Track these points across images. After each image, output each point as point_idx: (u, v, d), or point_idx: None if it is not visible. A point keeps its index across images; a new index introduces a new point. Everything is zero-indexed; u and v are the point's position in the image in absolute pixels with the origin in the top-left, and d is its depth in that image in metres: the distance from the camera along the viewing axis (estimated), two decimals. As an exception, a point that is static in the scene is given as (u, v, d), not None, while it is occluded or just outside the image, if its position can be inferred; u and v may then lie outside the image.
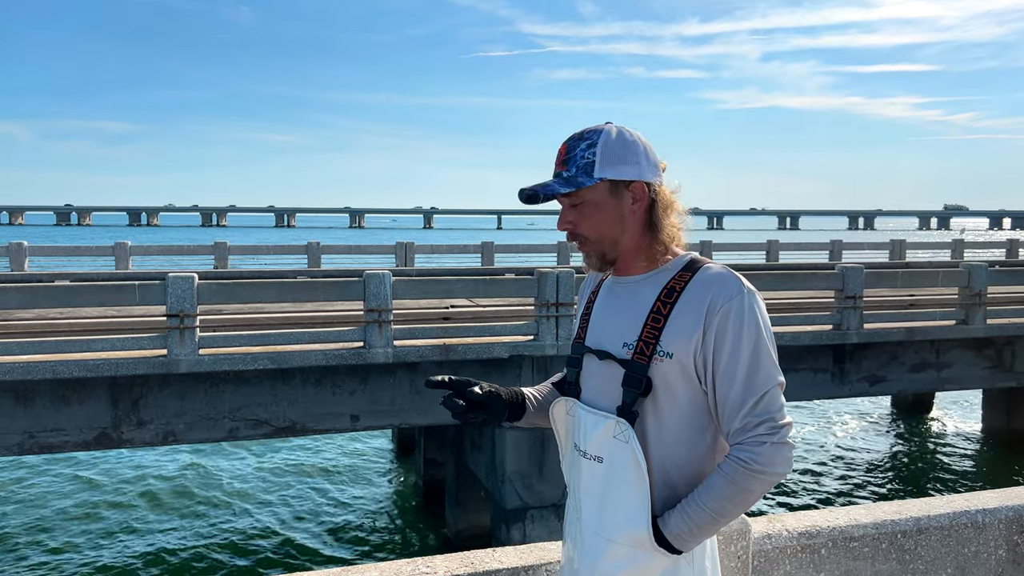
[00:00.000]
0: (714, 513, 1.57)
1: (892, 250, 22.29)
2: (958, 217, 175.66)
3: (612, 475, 1.64)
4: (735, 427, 1.57)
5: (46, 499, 12.05)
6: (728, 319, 1.56)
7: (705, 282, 1.61)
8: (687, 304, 1.60)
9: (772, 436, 1.54)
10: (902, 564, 2.64)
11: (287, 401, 8.88)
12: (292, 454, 14.40)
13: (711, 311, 1.58)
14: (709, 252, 19.80)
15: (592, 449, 1.68)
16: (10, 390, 8.08)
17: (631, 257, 1.70)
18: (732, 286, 1.59)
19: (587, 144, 1.65)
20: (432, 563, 2.22)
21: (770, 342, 1.59)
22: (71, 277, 12.80)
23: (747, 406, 1.55)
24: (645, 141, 1.69)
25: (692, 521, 1.58)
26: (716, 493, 1.56)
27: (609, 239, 1.68)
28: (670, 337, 1.60)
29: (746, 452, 1.54)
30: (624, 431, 1.62)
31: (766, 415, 1.55)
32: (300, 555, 10.26)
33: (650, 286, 1.67)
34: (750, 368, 1.56)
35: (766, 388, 1.56)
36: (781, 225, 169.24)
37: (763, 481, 1.55)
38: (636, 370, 1.62)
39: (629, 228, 1.67)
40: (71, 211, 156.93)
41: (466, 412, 1.75)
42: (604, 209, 1.66)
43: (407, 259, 18.14)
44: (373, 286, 8.85)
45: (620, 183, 1.65)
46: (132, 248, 17.00)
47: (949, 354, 11.68)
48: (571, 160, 1.66)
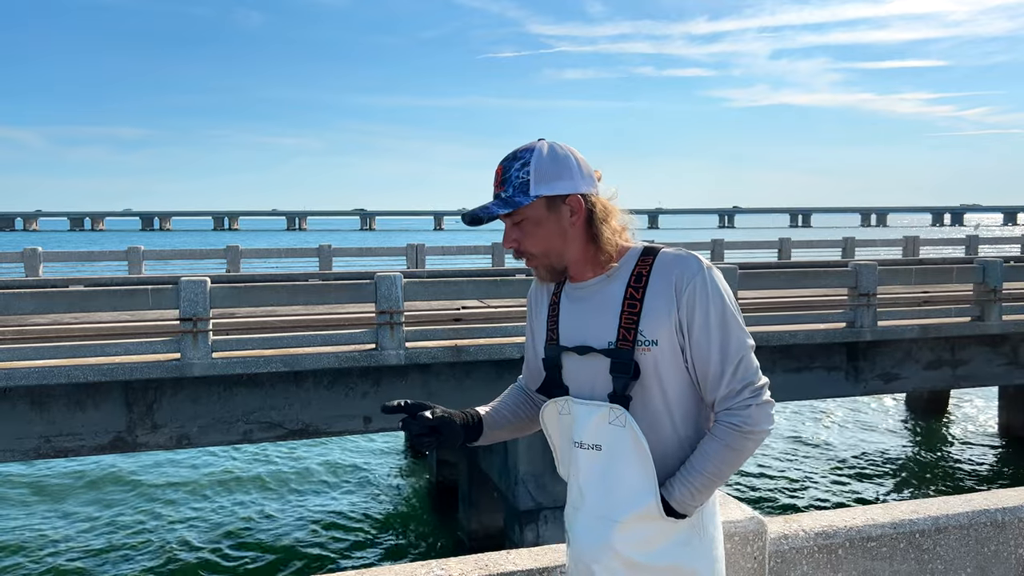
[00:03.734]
0: (713, 476, 1.68)
1: (906, 247, 22.13)
2: (972, 213, 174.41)
3: (613, 459, 1.71)
4: (720, 394, 1.69)
5: (63, 497, 12.13)
6: (695, 295, 1.67)
7: (667, 265, 1.71)
8: (656, 287, 1.69)
9: (756, 398, 1.67)
10: (921, 564, 2.61)
11: (300, 403, 8.91)
12: (305, 456, 14.44)
13: (678, 290, 1.67)
14: (721, 250, 19.73)
15: (588, 439, 1.74)
16: (26, 395, 8.14)
17: (580, 266, 1.78)
18: (693, 265, 1.69)
19: (521, 164, 1.72)
20: (447, 565, 2.21)
21: (736, 310, 1.71)
22: (85, 282, 12.89)
23: (727, 374, 1.67)
24: (577, 154, 1.75)
25: (693, 486, 1.68)
26: (713, 457, 1.68)
27: (554, 252, 1.75)
28: (651, 324, 1.68)
29: (736, 416, 1.67)
30: (620, 416, 1.69)
31: (746, 379, 1.68)
32: (313, 557, 10.29)
33: (614, 282, 1.75)
34: (723, 338, 1.67)
35: (740, 354, 1.68)
36: (793, 223, 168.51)
37: (755, 440, 1.68)
38: (622, 356, 1.69)
39: (572, 240, 1.75)
40: (84, 217, 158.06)
41: (420, 436, 1.78)
42: (544, 224, 1.73)
43: (418, 261, 18.16)
44: (384, 288, 8.86)
45: (556, 198, 1.71)
46: (145, 252, 17.10)
47: (965, 351, 11.58)
48: (507, 181, 1.72)
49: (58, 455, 8.48)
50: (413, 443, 1.79)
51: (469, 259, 20.40)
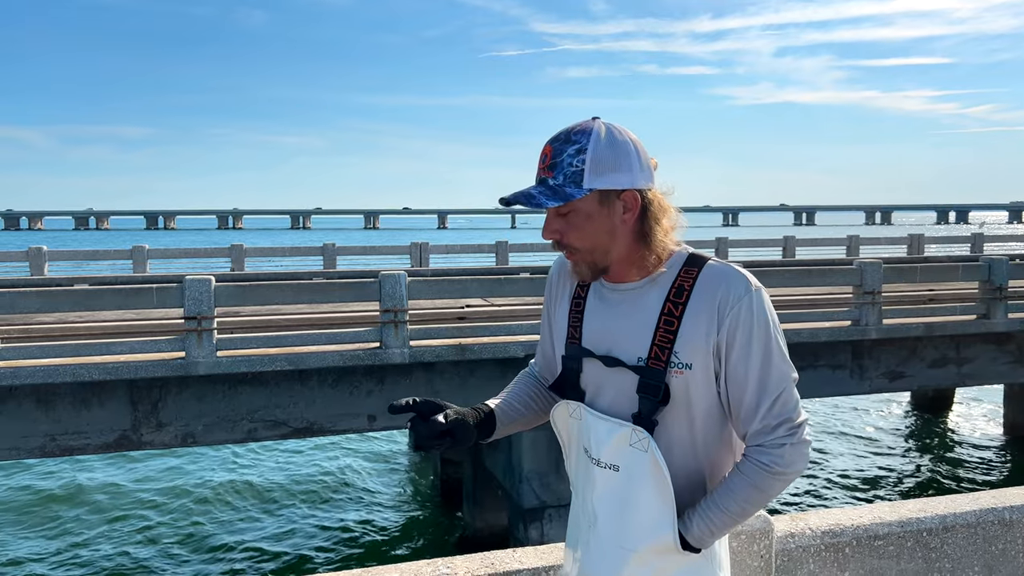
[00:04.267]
0: (735, 515, 1.57)
1: (910, 245, 22.07)
2: (977, 211, 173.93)
3: (631, 484, 1.58)
4: (753, 429, 1.55)
5: (71, 498, 12.17)
6: (739, 320, 1.52)
7: (712, 281, 1.55)
8: (698, 306, 1.54)
9: (791, 437, 1.53)
10: (928, 563, 2.60)
11: (304, 402, 8.92)
12: (309, 454, 14.46)
13: (721, 312, 1.53)
14: (725, 249, 19.68)
15: (606, 457, 1.61)
16: (31, 393, 8.16)
17: (623, 266, 1.62)
18: (740, 285, 1.54)
19: (575, 149, 1.54)
20: (452, 563, 2.21)
21: (780, 339, 1.57)
22: (90, 281, 12.91)
23: (764, 408, 1.53)
24: (636, 140, 1.58)
25: (713, 524, 1.57)
26: (737, 496, 1.55)
27: (600, 249, 1.58)
28: (687, 346, 1.54)
29: (767, 455, 1.53)
30: (642, 440, 1.56)
31: (783, 415, 1.54)
32: (318, 555, 10.30)
33: (653, 290, 1.60)
34: (763, 369, 1.53)
35: (781, 388, 1.54)
36: (797, 221, 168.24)
37: (784, 481, 1.55)
38: (653, 377, 1.55)
39: (620, 238, 1.58)
40: (89, 216, 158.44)
41: (431, 439, 1.62)
42: (594, 220, 1.56)
43: (422, 259, 18.17)
44: (389, 286, 8.86)
45: (611, 192, 1.55)
46: (150, 251, 17.13)
47: (970, 349, 11.55)
48: (558, 167, 1.54)
49: (64, 454, 8.51)
50: (420, 444, 1.64)
51: (473, 257, 20.40)
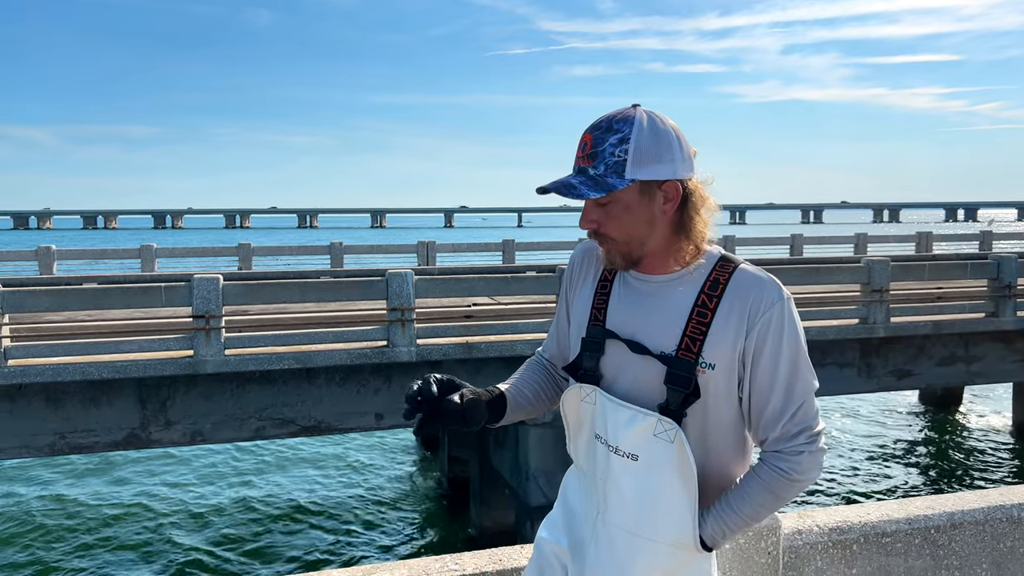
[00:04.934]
0: (748, 518, 1.58)
1: (918, 243, 21.98)
2: (986, 208, 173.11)
3: (652, 475, 1.57)
4: (774, 435, 1.56)
5: (80, 499, 12.23)
6: (769, 327, 1.53)
7: (746, 284, 1.55)
8: (730, 307, 1.54)
9: (810, 445, 1.54)
10: (936, 560, 2.60)
11: (312, 400, 8.94)
12: (317, 453, 14.50)
13: (752, 317, 1.53)
14: (732, 247, 19.65)
15: (625, 446, 1.58)
16: (41, 392, 8.21)
17: (658, 257, 1.60)
18: (773, 292, 1.54)
19: (618, 138, 1.51)
20: (460, 560, 2.22)
21: (805, 347, 1.58)
22: (99, 280, 12.96)
23: (787, 416, 1.54)
24: (677, 129, 1.55)
25: (727, 526, 1.58)
26: (753, 500, 1.57)
27: (637, 240, 1.57)
28: (714, 346, 1.53)
29: (785, 462, 1.54)
30: (668, 430, 1.54)
31: (804, 424, 1.54)
32: (326, 553, 10.33)
33: (685, 284, 1.58)
34: (790, 378, 1.54)
35: (804, 397, 1.55)
36: (804, 219, 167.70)
37: (798, 488, 1.56)
38: (682, 368, 1.53)
39: (658, 228, 1.57)
40: (98, 215, 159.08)
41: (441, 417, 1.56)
42: (634, 210, 1.54)
43: (429, 258, 18.19)
44: (396, 285, 8.88)
45: (653, 183, 1.52)
46: (158, 250, 17.20)
47: (979, 347, 11.51)
48: (599, 156, 1.51)
49: (73, 451, 8.56)
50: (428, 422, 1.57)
51: (480, 256, 20.42)
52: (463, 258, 20.37)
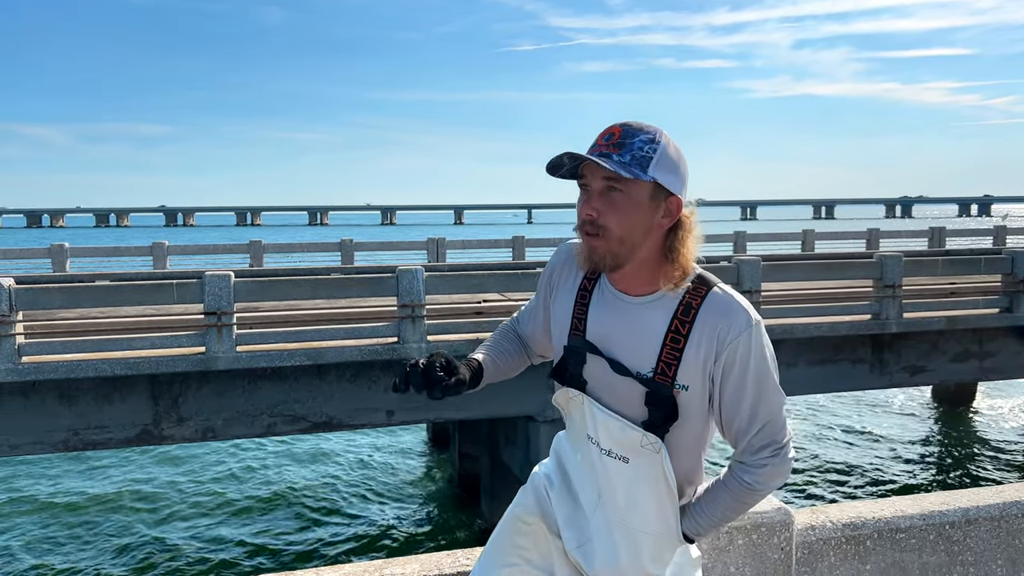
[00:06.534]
0: (719, 520, 1.76)
1: (931, 238, 21.84)
2: (999, 203, 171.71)
3: (640, 476, 1.71)
4: (740, 448, 1.70)
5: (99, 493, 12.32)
6: (736, 353, 1.60)
7: (716, 311, 1.61)
8: (700, 332, 1.61)
9: (774, 458, 1.67)
10: (951, 556, 2.58)
11: (323, 397, 8.97)
12: (328, 449, 14.55)
13: (721, 344, 1.60)
14: (744, 242, 19.56)
15: (617, 450, 1.72)
16: (55, 388, 8.26)
17: (638, 275, 1.65)
18: (741, 319, 1.61)
19: (648, 138, 1.58)
20: (472, 555, 2.22)
21: (774, 371, 1.66)
22: (111, 277, 13.03)
23: (752, 432, 1.66)
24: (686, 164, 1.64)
25: (700, 526, 1.77)
26: (721, 505, 1.74)
27: (630, 242, 1.60)
28: (688, 370, 1.63)
29: (749, 474, 1.69)
30: (653, 443, 1.68)
31: (768, 439, 1.67)
32: (337, 548, 10.37)
33: (659, 308, 1.65)
34: (755, 398, 1.64)
35: (770, 416, 1.66)
36: (816, 214, 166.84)
37: (761, 496, 1.73)
38: (661, 391, 1.64)
39: (651, 240, 1.62)
40: (109, 213, 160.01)
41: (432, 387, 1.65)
42: (640, 209, 1.58)
43: (439, 254, 18.20)
44: (406, 282, 8.89)
45: (664, 191, 1.59)
46: (169, 248, 17.28)
47: (992, 343, 11.42)
48: (627, 147, 1.57)
49: (86, 448, 8.61)
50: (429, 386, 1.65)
51: (490, 253, 20.42)
52: (473, 254, 20.38)
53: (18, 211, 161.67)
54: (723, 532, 2.25)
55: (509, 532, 1.89)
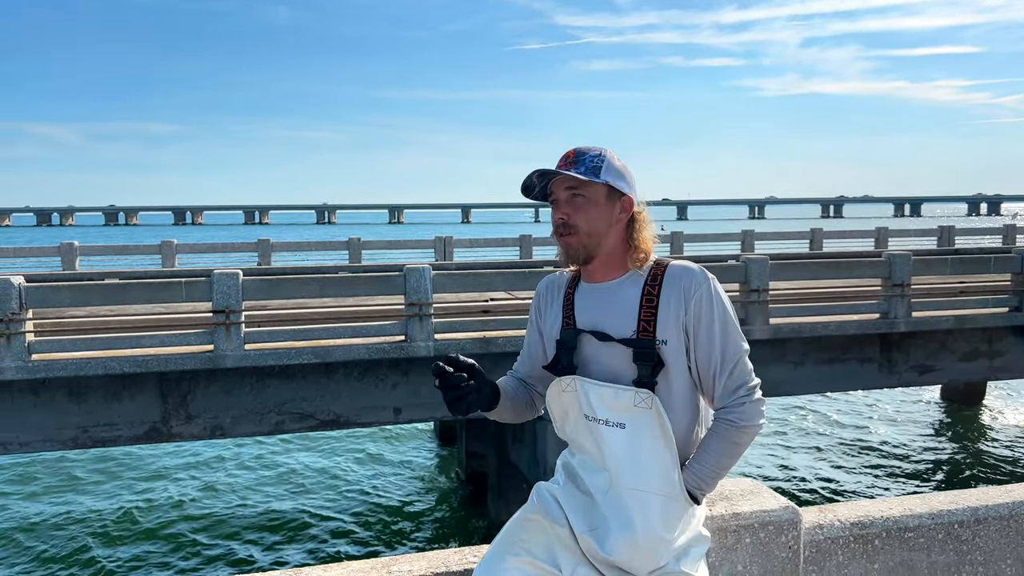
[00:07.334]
0: (716, 468, 1.92)
1: (940, 237, 21.75)
2: (1009, 202, 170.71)
3: (639, 437, 1.89)
4: (718, 392, 1.92)
5: (108, 490, 12.38)
6: (701, 302, 1.90)
7: (677, 275, 1.93)
8: (668, 292, 1.92)
9: (749, 396, 1.90)
10: (960, 555, 2.57)
11: (331, 395, 8.99)
12: (336, 447, 14.58)
13: (687, 297, 1.90)
14: (752, 241, 19.51)
15: (613, 418, 1.91)
16: (64, 386, 8.31)
17: (608, 263, 1.98)
18: (699, 276, 1.93)
19: (596, 154, 1.96)
20: (480, 552, 2.22)
21: (734, 317, 1.94)
22: (120, 275, 13.10)
23: (725, 373, 1.90)
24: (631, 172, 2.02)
25: (699, 478, 1.92)
26: (714, 451, 1.92)
27: (596, 235, 1.94)
28: (663, 325, 1.90)
29: (732, 413, 1.90)
30: (645, 399, 1.88)
31: (740, 380, 1.91)
32: (346, 546, 10.39)
33: (630, 285, 1.96)
34: (723, 341, 1.90)
35: (737, 356, 1.91)
36: (824, 213, 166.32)
37: (749, 434, 1.91)
38: (645, 346, 1.90)
39: (613, 233, 1.97)
40: (118, 211, 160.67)
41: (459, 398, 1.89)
42: (599, 207, 1.94)
43: (446, 253, 18.22)
44: (413, 280, 8.90)
45: (616, 191, 1.96)
46: (178, 246, 17.35)
47: (1002, 342, 11.37)
48: (581, 161, 1.95)
49: (95, 445, 8.66)
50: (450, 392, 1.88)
51: (497, 251, 20.42)
52: (480, 253, 20.38)
53: (28, 209, 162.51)
54: (731, 531, 2.25)
55: (512, 529, 2.02)
